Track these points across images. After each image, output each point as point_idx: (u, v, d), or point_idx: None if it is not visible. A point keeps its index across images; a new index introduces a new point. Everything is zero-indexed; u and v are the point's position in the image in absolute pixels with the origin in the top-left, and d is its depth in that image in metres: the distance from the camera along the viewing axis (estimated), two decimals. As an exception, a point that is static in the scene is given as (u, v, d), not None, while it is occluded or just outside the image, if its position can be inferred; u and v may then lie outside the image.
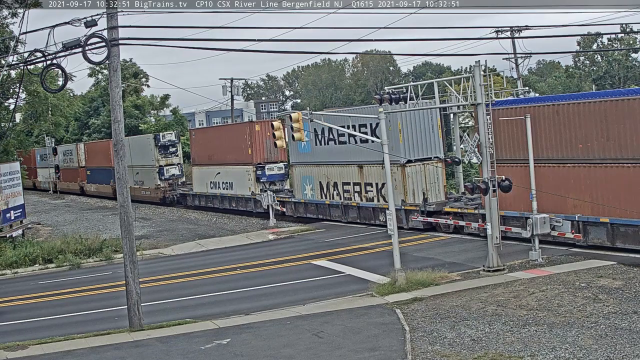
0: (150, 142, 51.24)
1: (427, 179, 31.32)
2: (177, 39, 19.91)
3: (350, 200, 34.69)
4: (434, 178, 31.34)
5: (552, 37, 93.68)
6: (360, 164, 33.47)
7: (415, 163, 31.24)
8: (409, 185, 31.20)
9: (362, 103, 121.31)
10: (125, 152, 19.66)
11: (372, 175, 32.99)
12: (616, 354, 13.65)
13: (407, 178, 31.05)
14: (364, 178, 33.61)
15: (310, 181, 37.18)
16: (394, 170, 29.76)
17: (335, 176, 35.42)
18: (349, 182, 34.63)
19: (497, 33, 49.02)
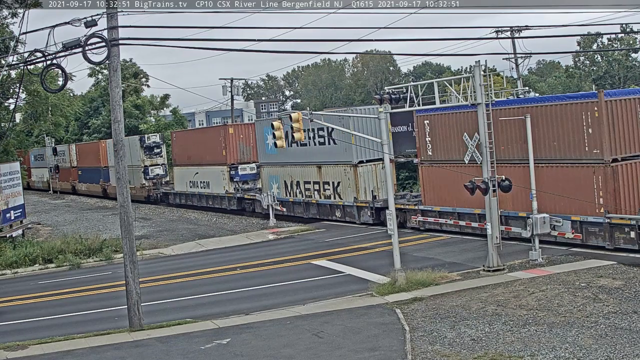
0: (136, 144, 53.33)
1: (378, 178, 33.53)
2: (177, 39, 19.92)
3: (310, 198, 37.50)
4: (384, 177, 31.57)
5: (552, 37, 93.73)
6: (319, 164, 36.30)
7: (367, 164, 33.89)
8: (361, 183, 34.03)
9: (362, 103, 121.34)
10: (125, 152, 19.66)
11: (329, 175, 35.77)
12: (616, 354, 13.65)
13: (359, 177, 33.96)
14: (322, 177, 36.31)
15: (276, 180, 39.85)
16: (347, 170, 34.25)
17: (298, 175, 38.12)
18: (310, 181, 37.30)
19: (497, 33, 49.03)
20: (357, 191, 33.89)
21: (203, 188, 46.42)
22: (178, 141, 50.75)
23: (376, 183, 33.73)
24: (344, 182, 34.70)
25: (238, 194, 42.99)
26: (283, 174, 39.17)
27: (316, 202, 36.97)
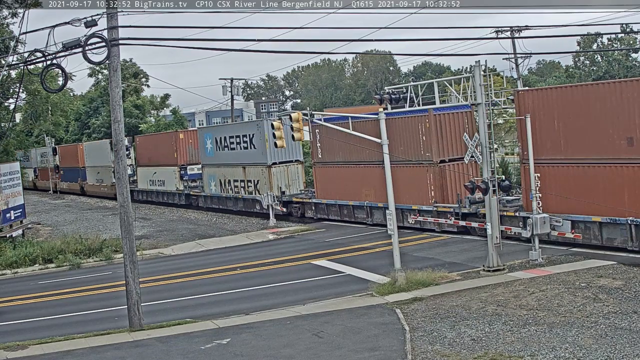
0: (107, 147, 57.93)
1: (289, 177, 40.16)
2: (177, 39, 19.91)
3: (238, 194, 43.56)
4: (295, 176, 40.35)
5: (552, 37, 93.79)
6: (244, 165, 42.41)
7: (279, 165, 40.03)
8: (274, 181, 39.99)
9: (362, 103, 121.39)
10: (125, 152, 19.66)
11: (251, 174, 42.01)
12: (616, 354, 13.65)
13: (272, 176, 40.06)
14: (246, 176, 42.57)
15: (214, 179, 45.95)
16: (263, 170, 40.45)
17: (229, 175, 44.23)
18: (237, 180, 43.53)
19: (497, 33, 49.00)
20: (271, 188, 39.87)
21: (160, 186, 52.53)
22: (141, 144, 56.36)
23: (287, 181, 40.29)
24: (261, 180, 41.02)
25: (186, 191, 49.47)
26: (218, 173, 45.30)
27: (242, 197, 43.14)
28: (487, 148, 22.36)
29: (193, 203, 49.22)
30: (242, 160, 42.38)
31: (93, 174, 63.80)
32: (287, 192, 39.93)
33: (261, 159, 40.48)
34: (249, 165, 41.82)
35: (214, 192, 45.84)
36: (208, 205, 47.06)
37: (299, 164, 40.76)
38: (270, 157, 39.82)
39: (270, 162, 39.93)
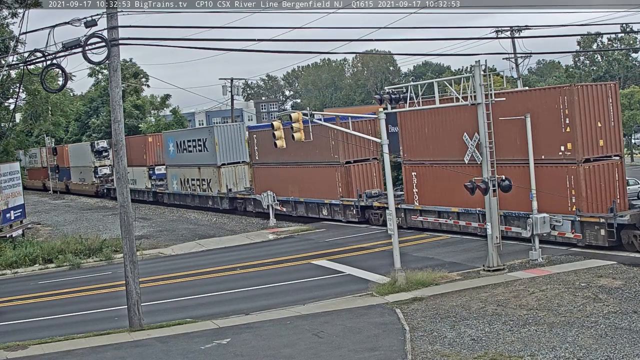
0: (88, 148, 64.26)
1: (237, 176, 45.36)
2: (177, 39, 19.93)
3: (195, 191, 48.61)
4: (241, 175, 45.43)
5: (552, 37, 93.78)
6: (199, 166, 47.34)
7: (228, 165, 45.16)
8: (223, 180, 45.07)
9: (362, 103, 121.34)
10: (125, 152, 19.68)
11: (205, 174, 46.99)
12: (616, 354, 13.65)
13: (221, 176, 45.05)
14: (201, 175, 47.51)
15: (176, 178, 51.12)
16: (214, 170, 45.42)
17: (188, 174, 49.35)
18: (194, 178, 48.56)
19: (497, 33, 48.98)
20: (220, 186, 45.13)
21: (132, 184, 54.66)
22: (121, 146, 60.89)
23: (234, 180, 45.48)
24: (213, 179, 45.98)
25: (153, 189, 54.91)
26: (179, 173, 50.54)
27: (197, 194, 48.33)
28: (487, 148, 22.35)
29: (159, 200, 54.39)
30: (198, 161, 47.39)
31: (77, 174, 68.38)
32: (234, 189, 44.92)
33: (212, 160, 45.56)
34: (203, 166, 46.84)
35: (176, 189, 51.32)
36: (171, 201, 52.47)
37: (245, 165, 45.37)
38: (220, 158, 44.94)
39: (219, 163, 44.95)
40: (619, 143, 25.15)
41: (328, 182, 36.08)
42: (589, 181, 24.15)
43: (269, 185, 39.79)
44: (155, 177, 54.54)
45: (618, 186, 24.83)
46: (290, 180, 38.89)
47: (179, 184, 50.62)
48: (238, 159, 45.46)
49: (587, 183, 24.06)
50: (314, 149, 34.93)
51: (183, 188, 50.09)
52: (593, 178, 24.26)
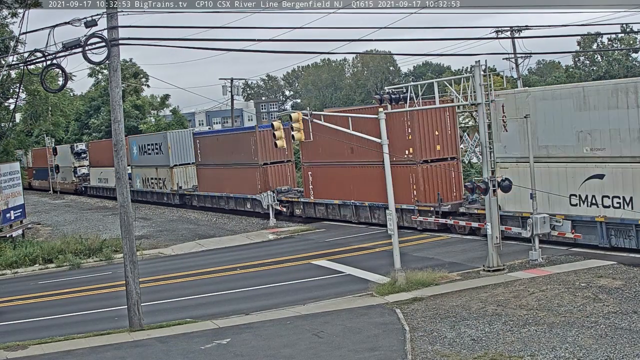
0: (68, 150, 71.17)
1: (187, 175, 51.43)
2: (177, 39, 19.91)
3: (153, 188, 55.35)
4: (192, 175, 50.81)
5: (552, 37, 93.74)
6: (156, 166, 53.93)
7: (180, 166, 51.56)
8: (175, 179, 51.74)
9: (362, 103, 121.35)
10: (125, 152, 19.68)
11: (161, 173, 53.39)
12: (616, 354, 13.65)
13: (174, 175, 51.61)
14: (158, 175, 54.20)
15: (139, 177, 57.91)
16: (167, 170, 52.13)
17: (148, 174, 56.07)
18: (153, 177, 55.32)
19: (497, 33, 48.97)
20: (172, 184, 51.74)
21: (105, 183, 63.78)
22: (92, 148, 68.37)
23: (185, 178, 51.27)
24: (167, 178, 52.44)
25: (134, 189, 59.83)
26: (141, 173, 57.33)
27: (155, 191, 55.24)
28: (487, 148, 22.36)
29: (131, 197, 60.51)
30: (155, 162, 54.05)
31: (61, 173, 74.37)
32: (184, 187, 51.25)
33: (166, 161, 52.02)
34: (159, 166, 53.52)
35: (139, 187, 57.79)
36: (135, 198, 55.69)
37: (193, 165, 50.11)
38: (172, 160, 51.45)
39: (172, 164, 51.48)
40: (455, 147, 30.95)
41: (250, 180, 42.05)
42: (426, 178, 30.35)
43: (211, 183, 46.98)
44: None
45: (454, 182, 30.72)
46: (226, 179, 44.89)
47: (141, 182, 57.60)
48: (188, 161, 51.05)
49: (424, 179, 30.30)
50: (240, 152, 42.73)
51: (144, 186, 57.08)
52: (430, 175, 30.36)
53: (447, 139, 30.59)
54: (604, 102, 22.61)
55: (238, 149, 42.86)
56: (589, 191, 23.79)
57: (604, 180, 23.34)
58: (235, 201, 44.61)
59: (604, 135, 22.86)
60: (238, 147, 42.93)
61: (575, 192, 24.25)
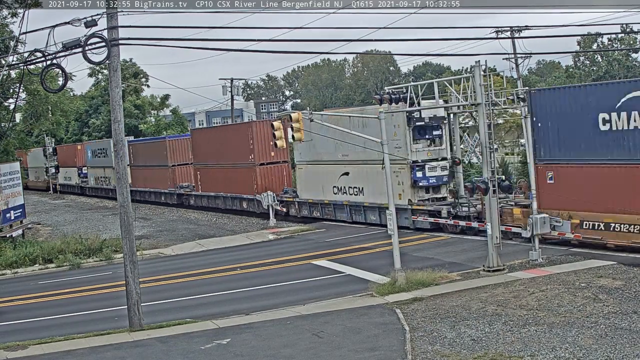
0: (41, 152, 77.92)
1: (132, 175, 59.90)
2: (177, 39, 19.90)
3: (101, 185, 66.12)
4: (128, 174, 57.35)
5: (552, 37, 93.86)
6: (104, 167, 63.88)
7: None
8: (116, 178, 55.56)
9: (362, 103, 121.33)
10: (125, 152, 19.67)
11: (107, 173, 62.45)
12: (616, 354, 13.65)
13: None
14: (105, 174, 64.10)
15: (92, 176, 68.60)
16: (111, 171, 57.03)
17: (98, 173, 66.60)
18: (101, 176, 65.92)
19: (497, 33, 48.99)
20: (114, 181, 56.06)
21: (69, 181, 74.73)
22: (60, 151, 77.14)
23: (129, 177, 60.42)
24: (112, 177, 57.84)
25: (80, 184, 71.69)
26: (94, 172, 68.09)
27: (102, 187, 65.42)
28: (487, 148, 22.36)
29: (85, 192, 70.86)
30: (103, 164, 64.22)
31: (33, 173, 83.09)
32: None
33: (110, 163, 57.77)
34: (105, 167, 62.97)
35: (92, 184, 68.68)
36: (90, 193, 69.36)
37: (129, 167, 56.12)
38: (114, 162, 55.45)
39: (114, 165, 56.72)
40: (287, 154, 40.98)
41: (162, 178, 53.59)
42: (263, 176, 41.06)
43: (142, 180, 56.89)
44: (82, 175, 71.23)
45: (286, 179, 41.73)
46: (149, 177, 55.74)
47: (94, 181, 68.32)
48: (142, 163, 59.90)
49: (261, 177, 40.94)
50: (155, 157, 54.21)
51: (97, 183, 67.78)
52: (266, 175, 41.22)
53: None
54: (347, 125, 28.21)
55: (156, 154, 53.87)
56: (342, 183, 35.59)
57: (349, 176, 34.95)
58: (140, 194, 57.04)
59: (349, 145, 29.75)
60: (155, 153, 54.01)
61: (335, 185, 35.98)
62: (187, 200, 50.65)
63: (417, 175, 30.71)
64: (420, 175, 30.78)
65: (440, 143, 31.62)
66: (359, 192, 34.18)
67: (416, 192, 31.10)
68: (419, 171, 30.67)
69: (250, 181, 41.53)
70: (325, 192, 36.74)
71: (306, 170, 38.20)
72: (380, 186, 29.79)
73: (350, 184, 34.61)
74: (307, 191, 38.38)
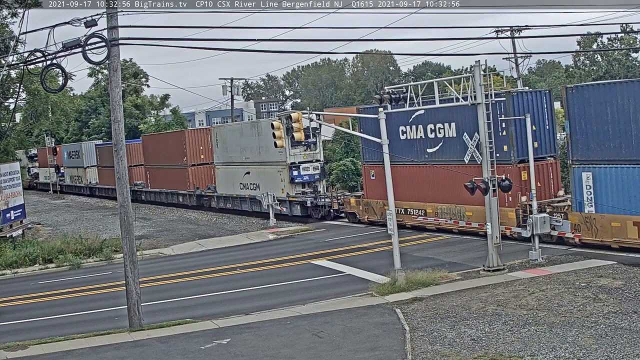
0: (23, 154, 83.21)
1: (94, 174, 68.52)
2: (177, 39, 19.93)
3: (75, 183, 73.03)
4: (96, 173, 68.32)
5: (552, 37, 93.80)
6: (77, 167, 71.56)
7: (91, 167, 68.57)
8: (88, 177, 69.54)
9: (362, 103, 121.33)
10: (125, 152, 19.67)
11: (79, 172, 71.36)
12: (616, 354, 13.65)
13: (87, 174, 69.38)
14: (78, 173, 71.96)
15: (68, 174, 75.16)
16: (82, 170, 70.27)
17: (72, 172, 73.86)
18: (75, 175, 73.12)
19: (497, 33, 48.94)
20: (86, 180, 69.32)
21: (48, 179, 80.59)
22: (40, 153, 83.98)
23: (96, 176, 67.58)
24: (82, 176, 69.20)
25: (59, 182, 77.10)
26: (69, 171, 75.14)
27: (76, 185, 72.75)
28: (487, 148, 22.35)
29: (61, 190, 76.16)
30: (76, 164, 72.06)
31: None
32: (93, 182, 68.27)
33: (81, 164, 70.10)
34: (78, 167, 71.40)
35: (68, 182, 75.51)
36: (66, 190, 75.27)
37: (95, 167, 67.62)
38: (85, 163, 68.95)
39: (85, 165, 69.14)
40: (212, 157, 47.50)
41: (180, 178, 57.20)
42: (196, 175, 49.02)
43: (106, 179, 62.58)
44: (60, 174, 77.20)
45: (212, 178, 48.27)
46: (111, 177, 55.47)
47: (70, 179, 74.99)
48: (95, 164, 67.75)
49: (192, 176, 48.96)
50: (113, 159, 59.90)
51: (72, 181, 74.50)
52: (197, 173, 49.00)
53: (208, 151, 48.37)
54: (248, 132, 42.40)
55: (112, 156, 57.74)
56: (245, 181, 43.44)
57: (250, 175, 42.69)
58: (105, 190, 64.77)
59: (249, 150, 42.41)
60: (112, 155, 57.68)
61: (241, 182, 43.78)
62: (139, 195, 57.77)
63: (294, 174, 38.75)
64: (296, 174, 38.81)
65: (314, 148, 39.05)
66: (257, 187, 42.02)
67: (294, 187, 39.09)
68: (295, 170, 38.68)
69: (184, 179, 49.87)
70: (234, 188, 44.73)
71: (221, 170, 46.23)
72: (271, 182, 40.07)
73: (251, 181, 42.85)
74: (222, 187, 46.28)
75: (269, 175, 40.30)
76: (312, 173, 39.19)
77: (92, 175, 68.64)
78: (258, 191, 41.04)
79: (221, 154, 45.98)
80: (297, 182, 38.92)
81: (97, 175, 67.41)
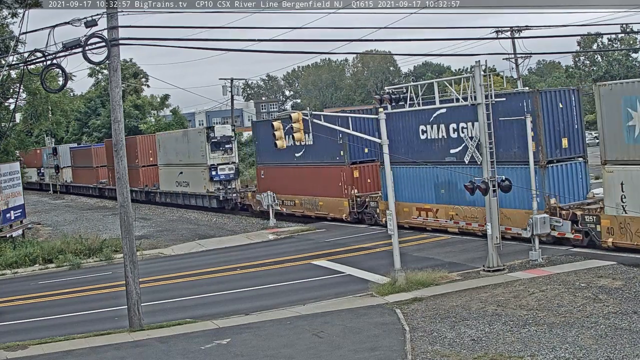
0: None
1: (74, 174, 73.50)
2: (177, 39, 19.90)
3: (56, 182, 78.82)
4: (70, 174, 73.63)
5: (552, 37, 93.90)
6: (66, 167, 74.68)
7: (67, 168, 73.87)
8: (64, 177, 74.46)
9: (362, 103, 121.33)
10: (124, 153, 19.70)
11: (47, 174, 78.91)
12: (616, 354, 13.65)
13: (63, 174, 74.42)
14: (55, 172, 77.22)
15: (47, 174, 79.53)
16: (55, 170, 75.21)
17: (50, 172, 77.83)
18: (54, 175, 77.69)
19: (497, 33, 48.97)
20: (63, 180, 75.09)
21: (30, 179, 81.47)
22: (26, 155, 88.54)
23: (71, 176, 73.69)
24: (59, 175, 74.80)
25: (40, 181, 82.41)
26: (48, 172, 77.88)
27: (54, 184, 76.18)
28: (487, 148, 22.34)
29: (42, 188, 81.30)
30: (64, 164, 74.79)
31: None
32: (69, 181, 73.35)
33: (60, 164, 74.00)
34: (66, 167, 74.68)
35: (47, 181, 79.81)
36: (46, 189, 79.91)
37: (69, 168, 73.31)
38: (62, 163, 73.65)
39: (62, 165, 73.79)
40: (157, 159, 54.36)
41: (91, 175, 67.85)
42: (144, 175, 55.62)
43: (79, 178, 70.90)
44: (41, 174, 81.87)
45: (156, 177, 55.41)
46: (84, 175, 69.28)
47: (48, 178, 79.50)
48: (69, 164, 73.48)
49: (143, 176, 55.71)
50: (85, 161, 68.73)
51: (50, 180, 79.13)
52: (147, 173, 55.63)
53: (155, 155, 54.68)
54: (181, 139, 51.14)
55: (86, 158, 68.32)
56: (179, 179, 50.85)
57: (183, 174, 50.21)
58: (84, 189, 70.19)
59: (182, 154, 50.28)
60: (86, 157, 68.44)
61: (177, 180, 51.32)
62: (103, 192, 65.46)
63: (213, 173, 46.96)
64: (215, 174, 47.06)
65: (231, 152, 47.80)
66: (187, 184, 50.26)
67: (213, 184, 47.12)
68: (214, 171, 47.00)
69: (137, 178, 55.62)
70: (172, 185, 52.50)
71: (163, 170, 53.74)
72: (196, 180, 48.60)
73: (183, 179, 50.69)
74: (164, 185, 53.96)
75: (195, 174, 48.52)
76: (228, 173, 47.53)
77: (69, 175, 75.02)
78: (188, 188, 50.06)
79: (163, 157, 53.90)
80: (216, 180, 47.13)
81: (71, 176, 74.86)
